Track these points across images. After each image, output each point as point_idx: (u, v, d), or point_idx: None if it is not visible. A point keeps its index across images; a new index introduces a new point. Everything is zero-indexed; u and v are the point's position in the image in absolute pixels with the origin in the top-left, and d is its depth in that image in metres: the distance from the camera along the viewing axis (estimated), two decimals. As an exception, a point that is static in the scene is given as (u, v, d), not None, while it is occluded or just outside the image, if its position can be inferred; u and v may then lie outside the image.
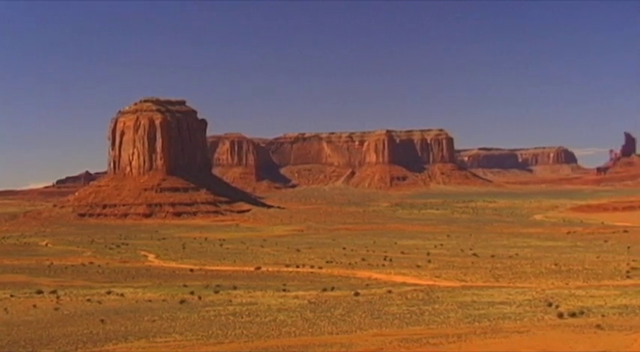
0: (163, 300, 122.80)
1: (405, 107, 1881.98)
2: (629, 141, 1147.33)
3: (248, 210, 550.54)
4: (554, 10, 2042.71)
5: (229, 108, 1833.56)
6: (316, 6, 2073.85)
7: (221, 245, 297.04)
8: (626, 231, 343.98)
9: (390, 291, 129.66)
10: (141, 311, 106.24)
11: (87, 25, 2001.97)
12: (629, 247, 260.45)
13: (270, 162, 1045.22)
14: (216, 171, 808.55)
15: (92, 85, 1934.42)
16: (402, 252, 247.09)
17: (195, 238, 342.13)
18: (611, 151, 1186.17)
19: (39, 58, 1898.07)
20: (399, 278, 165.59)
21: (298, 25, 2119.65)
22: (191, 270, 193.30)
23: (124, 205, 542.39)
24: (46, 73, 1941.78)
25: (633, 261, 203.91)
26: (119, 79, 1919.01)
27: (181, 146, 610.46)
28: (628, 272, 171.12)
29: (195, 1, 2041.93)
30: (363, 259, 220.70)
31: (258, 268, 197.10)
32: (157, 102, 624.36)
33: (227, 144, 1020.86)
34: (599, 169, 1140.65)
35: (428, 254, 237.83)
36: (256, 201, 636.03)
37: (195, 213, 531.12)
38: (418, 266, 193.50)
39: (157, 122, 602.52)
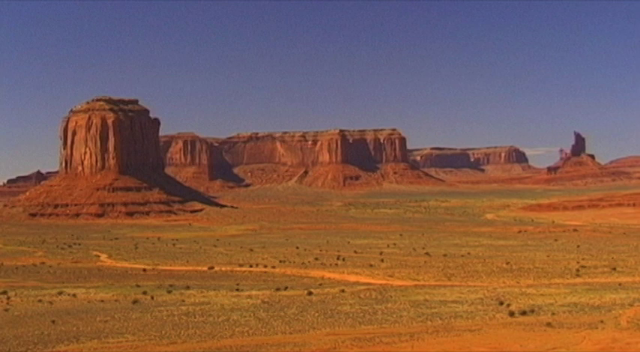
0: (116, 300, 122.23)
1: (358, 107, 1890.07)
2: (579, 140, 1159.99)
3: (201, 210, 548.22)
4: (505, 10, 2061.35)
5: (182, 107, 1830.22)
6: (270, 5, 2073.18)
7: (174, 244, 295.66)
8: (575, 230, 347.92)
9: (343, 291, 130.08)
10: (93, 312, 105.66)
11: (38, 24, 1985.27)
12: (578, 246, 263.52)
13: (223, 161, 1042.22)
14: (169, 171, 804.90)
15: (43, 84, 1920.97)
16: (355, 252, 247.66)
17: (147, 238, 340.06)
18: (561, 151, 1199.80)
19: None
20: (352, 278, 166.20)
21: (250, 25, 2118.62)
22: (144, 270, 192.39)
23: (75, 205, 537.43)
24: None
25: (583, 259, 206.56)
26: (71, 77, 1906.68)
27: (134, 145, 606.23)
28: (578, 270, 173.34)
29: (145, 0, 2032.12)
30: (317, 258, 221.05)
31: (212, 268, 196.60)
32: (109, 101, 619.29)
33: (180, 144, 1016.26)
34: (549, 169, 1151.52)
35: (381, 253, 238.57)
36: (209, 201, 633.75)
37: (147, 213, 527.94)
38: (371, 266, 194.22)
39: (110, 121, 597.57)
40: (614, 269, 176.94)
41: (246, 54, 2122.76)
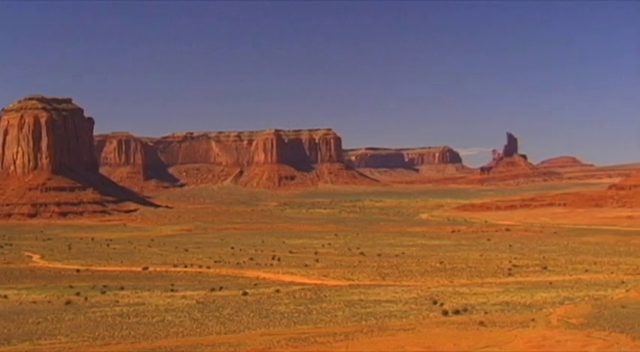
0: (48, 302, 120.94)
1: (294, 107, 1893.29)
2: (512, 141, 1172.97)
3: (136, 210, 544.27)
4: (437, 11, 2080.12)
5: (117, 106, 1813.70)
6: (204, 6, 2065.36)
7: (108, 245, 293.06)
8: (508, 230, 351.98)
9: (278, 291, 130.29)
10: (25, 313, 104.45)
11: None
12: (510, 245, 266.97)
13: (158, 161, 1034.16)
14: (103, 171, 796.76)
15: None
16: (291, 252, 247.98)
17: (81, 238, 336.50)
18: (494, 151, 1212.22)
19: None
20: (287, 278, 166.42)
21: (185, 24, 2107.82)
22: (77, 271, 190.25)
23: (7, 205, 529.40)
24: None
25: (515, 258, 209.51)
26: (2, 76, 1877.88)
27: (67, 145, 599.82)
28: (510, 269, 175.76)
29: (79, 0, 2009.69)
30: (252, 258, 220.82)
31: (146, 268, 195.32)
32: (42, 100, 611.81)
33: (114, 143, 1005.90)
34: (482, 169, 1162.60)
35: (316, 253, 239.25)
36: (144, 201, 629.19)
37: (81, 213, 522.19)
38: (306, 266, 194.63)
39: (43, 120, 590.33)
40: (545, 268, 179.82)
41: (182, 54, 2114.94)
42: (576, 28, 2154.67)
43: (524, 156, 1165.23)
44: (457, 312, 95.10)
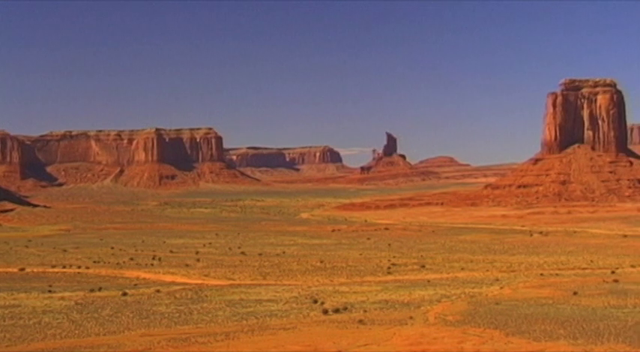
0: None
1: (174, 106, 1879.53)
2: (391, 141, 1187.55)
3: (12, 210, 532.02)
4: (316, 9, 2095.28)
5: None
6: (81, 5, 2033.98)
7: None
8: (387, 229, 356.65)
9: (158, 291, 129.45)
10: None
11: None
12: (390, 244, 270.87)
13: (35, 160, 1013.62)
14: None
15: None
16: (171, 251, 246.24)
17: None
18: (374, 151, 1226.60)
19: None
20: (168, 278, 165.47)
21: (65, 22, 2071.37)
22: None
23: None
24: None
25: (394, 257, 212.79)
26: None
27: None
28: (389, 268, 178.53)
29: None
30: (132, 259, 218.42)
31: (22, 269, 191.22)
32: None
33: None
34: (362, 168, 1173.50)
35: (197, 253, 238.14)
36: (21, 200, 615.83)
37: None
38: (187, 266, 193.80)
39: None
40: (423, 266, 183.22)
41: (61, 51, 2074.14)
42: (450, 26, 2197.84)
43: (403, 156, 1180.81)
44: (337, 311, 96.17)
